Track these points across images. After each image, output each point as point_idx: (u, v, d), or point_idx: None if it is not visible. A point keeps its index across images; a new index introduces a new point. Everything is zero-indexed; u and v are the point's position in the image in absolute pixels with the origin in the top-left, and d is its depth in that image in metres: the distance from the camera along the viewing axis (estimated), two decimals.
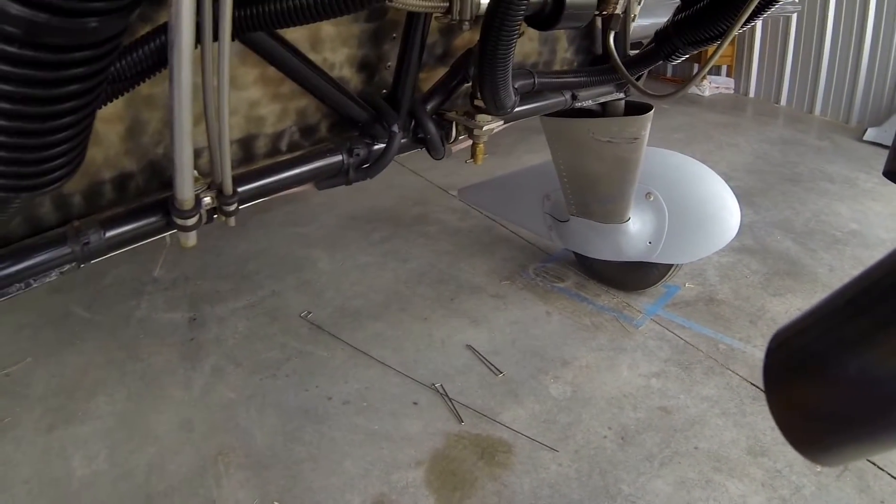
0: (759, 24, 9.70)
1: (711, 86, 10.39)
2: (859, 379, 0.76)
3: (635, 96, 3.53)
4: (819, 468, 3.21)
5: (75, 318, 4.44)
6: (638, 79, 3.17)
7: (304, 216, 5.89)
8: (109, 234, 2.01)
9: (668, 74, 11.25)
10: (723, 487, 3.15)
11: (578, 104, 3.35)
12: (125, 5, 1.08)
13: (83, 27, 1.04)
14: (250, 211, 2.38)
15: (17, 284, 1.90)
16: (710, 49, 2.74)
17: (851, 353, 0.77)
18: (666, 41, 2.94)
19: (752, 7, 2.42)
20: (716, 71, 10.64)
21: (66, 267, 1.96)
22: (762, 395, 3.63)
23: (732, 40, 6.59)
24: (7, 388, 3.81)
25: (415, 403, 3.67)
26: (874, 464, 3.24)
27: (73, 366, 3.96)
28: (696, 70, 2.82)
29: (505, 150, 7.31)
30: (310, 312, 4.46)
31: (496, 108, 2.61)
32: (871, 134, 8.49)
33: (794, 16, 9.43)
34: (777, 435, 3.38)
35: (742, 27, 2.58)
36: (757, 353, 4.04)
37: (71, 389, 3.77)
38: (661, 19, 3.03)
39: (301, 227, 5.72)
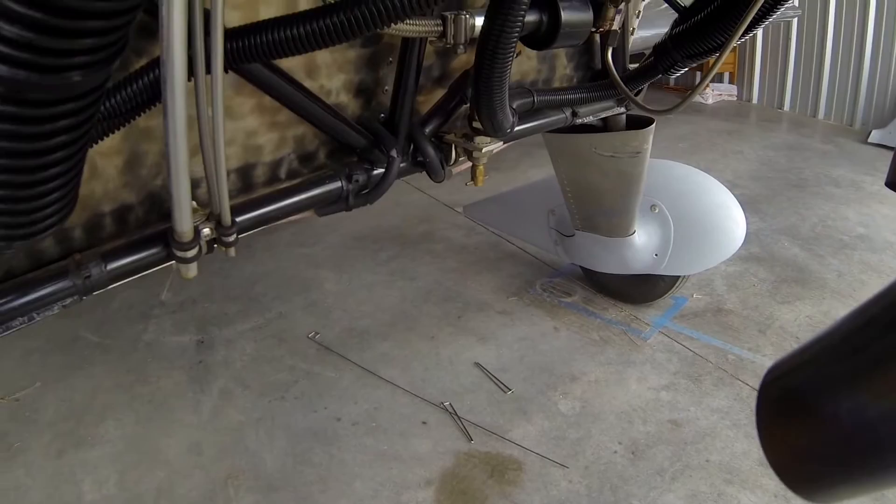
0: (759, 30, 9.72)
1: (714, 93, 10.38)
2: (852, 420, 0.75)
3: (636, 110, 3.53)
4: None
5: (84, 342, 4.45)
6: (637, 93, 3.17)
7: (310, 237, 5.89)
8: (111, 266, 2.02)
9: (672, 84, 11.24)
10: (735, 500, 3.13)
11: (579, 120, 3.35)
12: (107, 58, 1.08)
13: (66, 82, 1.05)
14: (256, 233, 2.38)
15: (20, 318, 1.91)
16: (712, 60, 2.74)
17: (844, 392, 0.77)
18: (664, 55, 2.93)
19: (749, 19, 2.41)
20: (718, 78, 10.63)
21: (69, 300, 1.97)
22: None
23: (734, 47, 6.59)
24: (16, 413, 3.82)
25: (424, 423, 3.66)
26: None
27: (81, 390, 3.97)
28: (698, 78, 2.82)
29: (509, 166, 7.32)
30: (317, 333, 4.46)
31: (494, 131, 2.60)
32: (875, 136, 8.48)
33: (795, 20, 9.44)
34: None
35: (741, 38, 2.58)
36: (767, 362, 4.01)
37: (80, 414, 3.77)
38: (662, 30, 3.03)
39: (307, 248, 5.73)
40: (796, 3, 8.97)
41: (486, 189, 5.07)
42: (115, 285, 2.09)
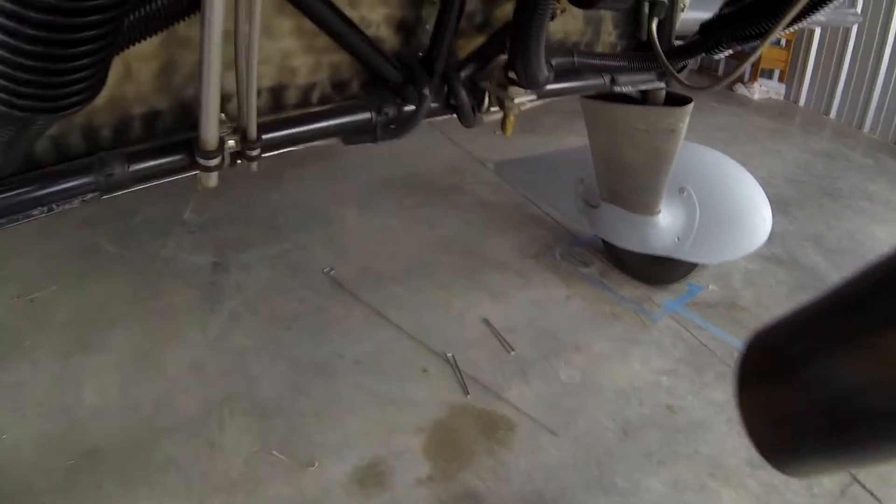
0: (817, 32, 9.56)
1: (762, 89, 10.23)
2: (832, 387, 0.76)
3: (676, 87, 3.51)
4: (815, 490, 3.20)
5: (102, 252, 4.52)
6: (681, 70, 3.16)
7: (338, 174, 5.91)
8: (134, 167, 2.05)
9: (720, 72, 11.11)
10: (717, 495, 3.15)
11: (617, 89, 3.34)
12: None
13: None
14: (284, 164, 2.41)
15: (41, 208, 1.94)
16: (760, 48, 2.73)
17: (828, 358, 0.77)
18: (711, 34, 2.93)
19: (798, 8, 2.40)
20: (768, 75, 10.49)
21: (89, 196, 2.00)
22: None
23: (788, 45, 6.46)
24: (30, 313, 3.90)
25: (424, 370, 3.70)
26: (872, 494, 3.22)
27: (95, 297, 4.04)
28: (748, 71, 2.83)
29: (547, 130, 7.27)
30: (332, 269, 4.49)
31: (527, 82, 2.62)
32: None
33: (854, 28, 9.28)
34: None
35: (787, 27, 2.56)
36: None
37: (91, 320, 3.85)
38: (708, 14, 3.02)
39: (334, 185, 5.75)
40: (859, 11, 8.82)
41: (520, 150, 5.07)
42: (136, 188, 2.12)
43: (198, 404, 3.36)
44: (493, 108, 2.90)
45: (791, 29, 2.66)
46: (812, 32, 9.56)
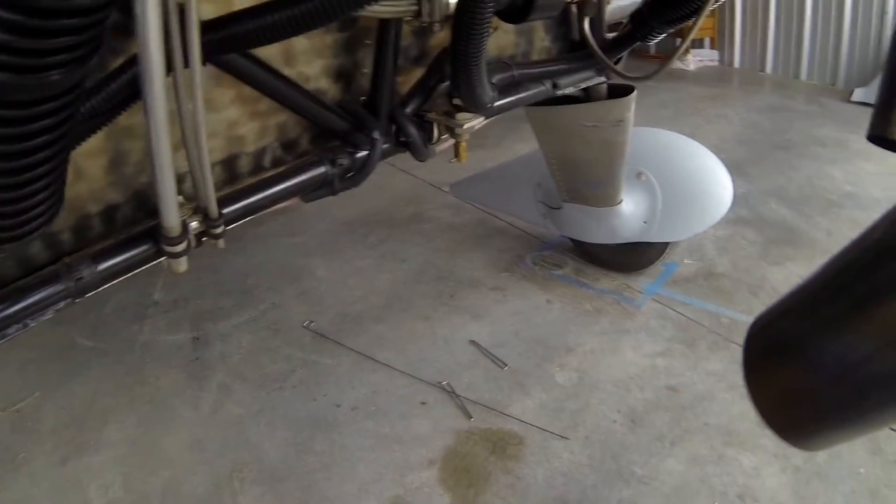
0: None
1: (696, 59, 10.35)
2: (835, 362, 0.76)
3: (617, 79, 3.53)
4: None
5: (79, 348, 4.44)
6: (617, 61, 3.18)
7: (299, 226, 5.88)
8: (101, 266, 2.02)
9: (653, 52, 11.20)
10: (735, 461, 3.16)
11: (560, 92, 3.35)
12: (84, 55, 1.08)
13: (45, 81, 1.05)
14: (245, 225, 2.38)
15: (15, 325, 1.90)
16: (690, 24, 2.75)
17: (827, 336, 0.78)
18: (641, 23, 2.95)
19: None
20: (699, 44, 10.59)
21: (62, 304, 1.97)
22: None
23: (713, 12, 6.51)
24: (18, 424, 3.81)
25: (423, 403, 3.68)
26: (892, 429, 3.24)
27: (81, 396, 3.97)
28: (678, 45, 2.85)
29: (494, 142, 7.29)
30: (312, 321, 4.46)
31: (474, 106, 2.61)
32: (858, 94, 8.47)
33: None
34: None
35: (717, 2, 2.59)
36: None
37: (81, 420, 3.77)
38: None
39: (296, 237, 5.71)
40: None
41: (471, 166, 5.07)
42: (107, 286, 2.09)
43: (206, 483, 3.31)
44: (443, 137, 2.89)
45: (720, 2, 2.69)
46: None
